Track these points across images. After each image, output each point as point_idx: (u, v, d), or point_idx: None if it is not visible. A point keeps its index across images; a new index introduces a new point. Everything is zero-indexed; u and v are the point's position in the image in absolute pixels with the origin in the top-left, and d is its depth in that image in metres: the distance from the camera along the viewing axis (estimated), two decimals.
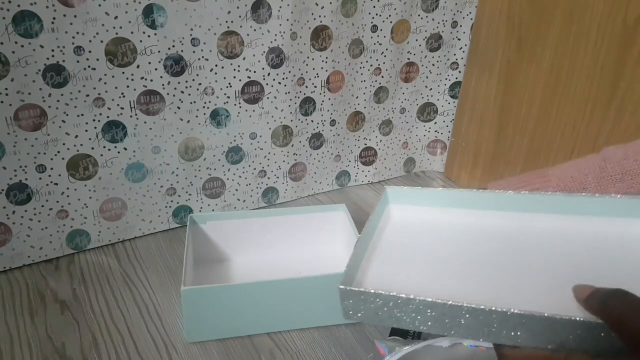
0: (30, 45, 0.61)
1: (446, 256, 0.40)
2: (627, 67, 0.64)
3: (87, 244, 0.76)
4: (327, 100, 0.85)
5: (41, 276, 0.71)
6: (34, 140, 0.66)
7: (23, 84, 0.62)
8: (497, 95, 0.86)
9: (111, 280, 0.70)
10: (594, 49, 0.68)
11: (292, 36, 0.76)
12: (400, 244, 0.42)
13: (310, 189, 0.93)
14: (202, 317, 0.59)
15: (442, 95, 0.95)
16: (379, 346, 0.52)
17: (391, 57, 0.87)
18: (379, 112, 0.93)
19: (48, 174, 0.69)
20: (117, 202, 0.75)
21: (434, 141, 1.00)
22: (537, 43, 0.76)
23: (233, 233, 0.72)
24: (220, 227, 0.71)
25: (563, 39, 0.72)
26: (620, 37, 0.64)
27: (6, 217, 0.68)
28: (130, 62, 0.67)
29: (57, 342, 0.60)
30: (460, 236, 0.43)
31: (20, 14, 0.59)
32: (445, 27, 0.88)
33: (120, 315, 0.64)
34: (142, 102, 0.71)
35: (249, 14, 0.72)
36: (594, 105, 0.69)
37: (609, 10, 0.65)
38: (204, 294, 0.57)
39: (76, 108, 0.67)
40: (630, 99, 0.64)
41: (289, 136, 0.84)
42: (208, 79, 0.74)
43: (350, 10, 0.80)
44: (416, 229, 0.44)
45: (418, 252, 0.41)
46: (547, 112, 0.77)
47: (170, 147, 0.76)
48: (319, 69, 0.82)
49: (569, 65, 0.72)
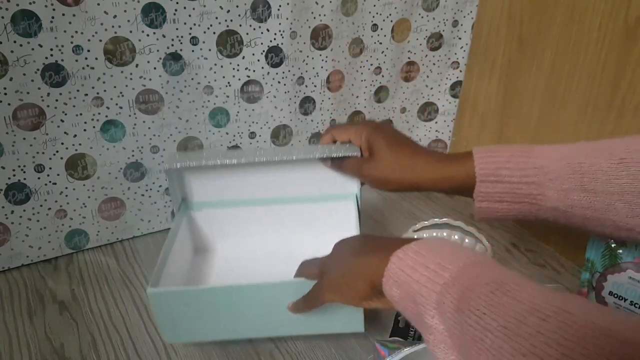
0: (29, 44, 0.61)
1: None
2: (629, 67, 0.64)
3: (86, 244, 0.76)
4: (327, 100, 0.85)
5: (40, 276, 0.71)
6: (33, 139, 0.66)
7: (22, 83, 0.62)
8: (498, 94, 0.86)
9: (110, 280, 0.70)
10: (595, 49, 0.67)
11: (291, 35, 0.76)
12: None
13: None
14: (176, 320, 0.54)
15: (442, 94, 0.95)
16: (379, 347, 0.52)
17: (392, 56, 0.87)
18: (380, 112, 0.93)
19: (47, 174, 0.68)
20: (115, 201, 0.75)
21: (435, 141, 0.99)
22: (538, 42, 0.76)
23: (229, 221, 0.68)
24: (216, 215, 0.68)
25: (564, 38, 0.72)
26: (622, 37, 0.64)
27: (5, 217, 0.68)
28: (129, 61, 0.67)
29: (55, 343, 0.60)
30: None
31: (19, 13, 0.59)
32: (446, 26, 0.88)
33: (119, 316, 0.64)
34: (141, 101, 0.70)
35: (248, 13, 0.72)
36: (595, 105, 0.69)
37: (610, 9, 0.65)
38: (173, 296, 0.52)
39: (75, 107, 0.67)
40: (632, 99, 0.64)
41: (288, 135, 0.84)
42: (207, 78, 0.73)
43: (351, 9, 0.80)
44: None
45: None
46: (548, 111, 0.76)
47: (169, 147, 0.76)
48: (319, 68, 0.81)
49: (570, 65, 0.71)
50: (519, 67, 0.80)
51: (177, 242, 0.62)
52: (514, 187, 0.51)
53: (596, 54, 0.67)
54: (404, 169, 0.56)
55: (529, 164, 0.51)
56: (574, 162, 0.49)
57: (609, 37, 0.65)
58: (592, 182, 0.48)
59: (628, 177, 0.46)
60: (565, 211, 0.50)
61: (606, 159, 0.48)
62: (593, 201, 0.48)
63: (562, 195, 0.49)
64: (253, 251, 0.69)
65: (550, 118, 0.76)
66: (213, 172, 0.65)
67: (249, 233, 0.70)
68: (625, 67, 0.64)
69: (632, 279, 0.55)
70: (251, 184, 0.66)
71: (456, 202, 0.89)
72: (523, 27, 0.78)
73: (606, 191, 0.47)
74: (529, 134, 0.81)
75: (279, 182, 0.66)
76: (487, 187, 0.52)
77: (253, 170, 0.64)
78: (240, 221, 0.69)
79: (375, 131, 0.59)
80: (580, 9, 0.68)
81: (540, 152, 0.51)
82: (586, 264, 0.60)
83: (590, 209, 0.49)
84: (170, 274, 0.57)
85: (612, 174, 0.47)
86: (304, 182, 0.66)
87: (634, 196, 0.46)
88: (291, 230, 0.69)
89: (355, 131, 0.61)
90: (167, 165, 0.59)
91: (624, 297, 0.57)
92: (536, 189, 0.50)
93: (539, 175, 0.50)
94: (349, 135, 0.62)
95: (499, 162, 0.52)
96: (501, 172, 0.51)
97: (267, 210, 0.68)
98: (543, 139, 0.78)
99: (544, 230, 0.81)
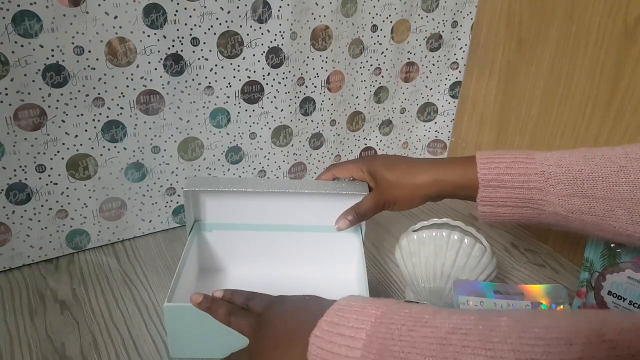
0: (30, 45, 0.61)
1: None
2: (628, 67, 0.64)
3: (87, 244, 0.76)
4: (327, 100, 0.85)
5: (41, 276, 0.71)
6: (34, 140, 0.66)
7: (23, 83, 0.62)
8: (497, 95, 0.86)
9: (111, 280, 0.70)
10: (594, 49, 0.68)
11: (292, 36, 0.76)
12: None
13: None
14: (187, 335, 0.56)
15: (442, 95, 0.95)
16: None
17: (391, 57, 0.87)
18: (379, 112, 0.93)
19: (48, 174, 0.69)
20: (116, 201, 0.75)
21: (434, 141, 0.99)
22: (537, 43, 0.76)
23: (238, 243, 0.70)
24: (225, 237, 0.70)
25: (563, 38, 0.72)
26: (621, 37, 0.64)
27: (6, 217, 0.68)
28: (130, 61, 0.67)
29: (56, 342, 0.60)
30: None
31: (20, 13, 0.59)
32: (445, 27, 0.88)
33: (120, 316, 0.64)
34: (142, 101, 0.71)
35: (248, 14, 0.72)
36: (594, 105, 0.69)
37: (609, 10, 0.65)
38: (187, 312, 0.53)
39: (76, 108, 0.67)
40: (631, 98, 0.64)
41: (288, 136, 0.84)
42: (208, 78, 0.74)
43: (350, 10, 0.80)
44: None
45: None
46: (547, 112, 0.77)
47: (170, 147, 0.76)
48: (319, 69, 0.82)
49: (569, 65, 0.72)
50: (518, 68, 0.81)
51: (189, 260, 0.64)
52: (516, 192, 0.52)
53: (595, 54, 0.68)
54: (405, 185, 0.60)
55: (530, 169, 0.52)
56: (574, 168, 0.50)
57: (608, 37, 0.66)
58: (592, 188, 0.49)
59: (627, 185, 0.47)
60: (566, 216, 0.51)
61: (606, 166, 0.48)
62: (593, 207, 0.49)
63: (563, 201, 0.50)
64: (261, 274, 0.71)
65: (550, 118, 0.76)
66: (227, 196, 0.67)
67: (257, 256, 0.71)
68: (624, 67, 0.64)
69: (631, 278, 0.56)
70: (262, 209, 0.69)
71: (456, 202, 0.89)
72: (522, 28, 0.79)
73: (606, 198, 0.48)
74: (528, 134, 0.81)
75: (289, 210, 0.69)
76: (490, 192, 0.53)
77: (266, 197, 0.67)
78: (250, 244, 0.70)
79: (373, 161, 0.63)
80: (579, 9, 0.69)
81: (541, 157, 0.52)
82: (585, 264, 0.60)
83: (590, 214, 0.49)
84: (181, 291, 0.58)
85: (611, 180, 0.48)
86: (313, 213, 0.69)
87: (634, 203, 0.47)
88: (297, 256, 0.71)
89: (356, 167, 0.65)
90: (186, 187, 0.63)
91: (622, 297, 0.57)
92: (538, 194, 0.51)
93: (541, 181, 0.51)
94: (350, 172, 0.66)
95: (501, 168, 0.53)
96: (503, 177, 0.53)
97: (276, 236, 0.70)
98: (542, 139, 0.78)
99: (543, 230, 0.81)
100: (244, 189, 0.63)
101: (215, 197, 0.68)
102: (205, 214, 0.69)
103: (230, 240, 0.70)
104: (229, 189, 0.63)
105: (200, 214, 0.69)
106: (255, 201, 0.67)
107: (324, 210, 0.67)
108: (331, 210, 0.65)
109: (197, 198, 0.68)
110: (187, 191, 0.63)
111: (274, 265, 0.71)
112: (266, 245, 0.70)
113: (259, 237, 0.70)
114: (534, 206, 0.52)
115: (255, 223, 0.69)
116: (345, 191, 0.64)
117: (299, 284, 0.67)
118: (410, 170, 0.60)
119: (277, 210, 0.69)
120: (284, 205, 0.68)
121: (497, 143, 0.88)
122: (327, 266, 0.71)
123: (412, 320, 0.37)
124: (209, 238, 0.70)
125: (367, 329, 0.38)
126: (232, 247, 0.70)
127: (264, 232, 0.69)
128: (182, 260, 0.62)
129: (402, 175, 0.60)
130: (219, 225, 0.69)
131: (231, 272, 0.72)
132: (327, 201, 0.67)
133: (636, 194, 0.47)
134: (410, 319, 0.37)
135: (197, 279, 0.70)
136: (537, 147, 0.79)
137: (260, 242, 0.70)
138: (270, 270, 0.71)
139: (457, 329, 0.34)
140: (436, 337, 0.35)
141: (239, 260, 0.71)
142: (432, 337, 0.35)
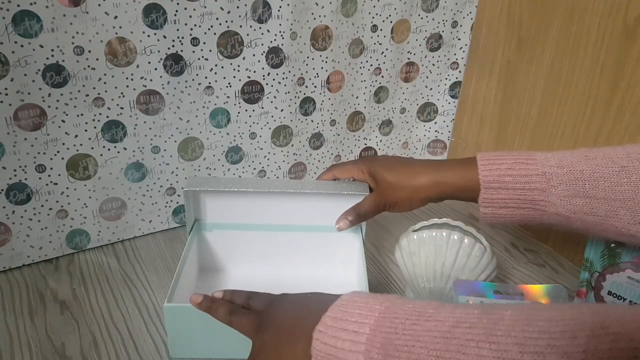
0: (30, 45, 0.61)
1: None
2: (628, 67, 0.64)
3: (87, 244, 0.76)
4: (327, 100, 0.85)
5: (41, 276, 0.71)
6: (34, 140, 0.66)
7: (23, 83, 0.62)
8: (497, 95, 0.86)
9: (111, 280, 0.70)
10: (594, 49, 0.68)
11: (292, 36, 0.76)
12: None
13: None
14: (187, 335, 0.56)
15: (442, 95, 0.95)
16: None
17: (391, 57, 0.87)
18: (379, 112, 0.93)
19: (48, 174, 0.69)
20: (116, 201, 0.75)
21: (434, 141, 1.00)
22: (537, 43, 0.76)
23: (238, 243, 0.70)
24: (225, 237, 0.70)
25: (563, 38, 0.72)
26: (621, 37, 0.64)
27: (6, 217, 0.68)
28: (130, 61, 0.67)
29: (56, 342, 0.60)
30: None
31: (19, 13, 0.59)
32: (445, 27, 0.88)
33: (120, 316, 0.64)
34: (142, 102, 0.71)
35: (248, 14, 0.72)
36: (594, 105, 0.69)
37: (609, 10, 0.65)
38: (187, 312, 0.53)
39: (76, 108, 0.67)
40: (631, 98, 0.64)
41: (288, 136, 0.84)
42: (208, 78, 0.74)
43: (350, 10, 0.80)
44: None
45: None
46: (547, 112, 0.77)
47: (170, 147, 0.76)
48: (319, 69, 0.82)
49: (569, 65, 0.72)
50: (518, 68, 0.81)
51: (189, 260, 0.64)
52: (517, 193, 0.52)
53: (595, 54, 0.68)
54: (405, 187, 0.60)
55: (532, 170, 0.52)
56: (576, 169, 0.50)
57: (607, 37, 0.66)
58: (594, 189, 0.49)
59: (629, 185, 0.47)
60: (568, 217, 0.51)
61: (608, 166, 0.48)
62: (595, 207, 0.49)
63: (565, 202, 0.50)
64: (261, 274, 0.71)
65: (550, 118, 0.76)
66: (227, 196, 0.67)
67: (257, 256, 0.71)
68: (624, 67, 0.64)
69: (631, 278, 0.56)
70: (262, 209, 0.68)
71: (456, 202, 0.89)
72: (522, 28, 0.79)
73: (608, 198, 0.48)
74: (528, 134, 0.81)
75: (289, 210, 0.69)
76: (491, 193, 0.53)
77: (266, 197, 0.67)
78: (250, 244, 0.70)
79: (374, 162, 0.64)
80: (579, 9, 0.69)
81: (543, 158, 0.52)
82: (585, 264, 0.60)
83: (592, 215, 0.49)
84: (181, 291, 0.58)
85: (613, 181, 0.48)
86: (313, 213, 0.69)
87: (636, 203, 0.47)
88: (297, 256, 0.71)
89: (357, 168, 0.65)
90: (187, 187, 0.63)
91: (622, 297, 0.57)
92: (539, 195, 0.51)
93: (542, 182, 0.51)
94: (350, 173, 0.66)
95: (502, 169, 0.53)
96: (505, 178, 0.53)
97: (276, 236, 0.70)
98: (542, 139, 0.78)
99: (543, 230, 0.81)
100: (244, 189, 0.63)
101: (215, 197, 0.68)
102: (206, 214, 0.69)
103: (230, 240, 0.70)
104: (229, 189, 0.63)
105: (200, 213, 0.69)
106: (256, 201, 0.67)
107: (324, 211, 0.67)
108: (331, 210, 0.65)
109: (197, 198, 0.68)
110: (187, 191, 0.63)
111: (274, 265, 0.71)
112: (266, 245, 0.70)
113: (259, 237, 0.70)
114: (536, 207, 0.52)
115: (256, 223, 0.69)
116: (345, 191, 0.64)
117: (299, 284, 0.66)
118: (410, 172, 0.60)
119: (277, 210, 0.69)
120: (284, 205, 0.68)
121: (497, 143, 0.88)
122: (327, 266, 0.71)
123: (415, 314, 0.37)
124: (209, 238, 0.70)
125: (371, 324, 0.38)
126: (232, 247, 0.70)
127: (264, 232, 0.69)
128: (182, 260, 0.62)
129: (403, 177, 0.60)
130: (219, 225, 0.69)
131: (231, 272, 0.72)
132: (327, 201, 0.67)
133: (638, 194, 0.47)
134: (414, 313, 0.37)
135: (197, 279, 0.70)
136: (537, 147, 0.79)
137: (260, 242, 0.70)
138: (270, 270, 0.71)
139: (461, 323, 0.34)
140: (440, 331, 0.35)
141: (239, 260, 0.71)
142: (436, 331, 0.35)
